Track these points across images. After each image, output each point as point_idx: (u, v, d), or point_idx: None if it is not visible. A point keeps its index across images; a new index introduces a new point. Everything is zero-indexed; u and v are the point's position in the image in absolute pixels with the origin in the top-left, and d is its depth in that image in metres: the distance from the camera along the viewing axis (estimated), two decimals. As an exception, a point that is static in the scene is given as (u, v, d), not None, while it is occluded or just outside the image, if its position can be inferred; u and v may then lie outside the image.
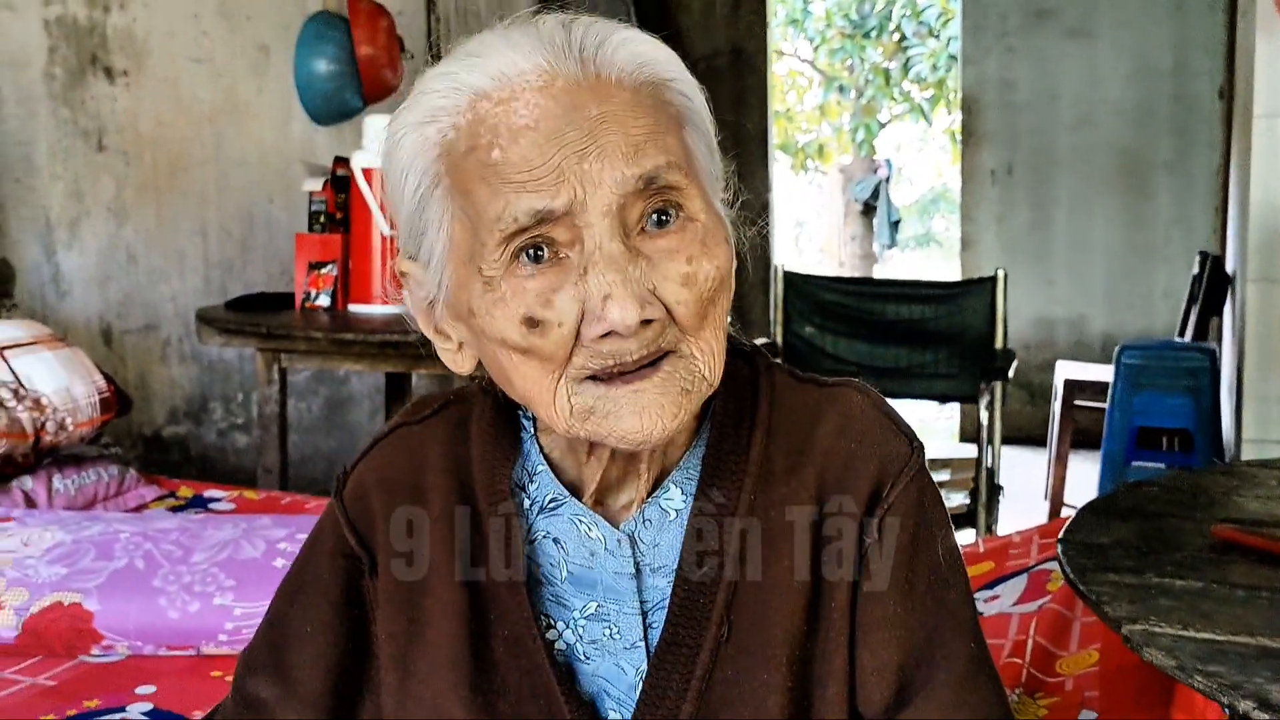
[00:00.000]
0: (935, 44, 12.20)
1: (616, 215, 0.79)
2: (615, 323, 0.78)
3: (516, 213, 0.79)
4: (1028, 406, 6.04)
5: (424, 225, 0.85)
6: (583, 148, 0.79)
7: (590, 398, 0.82)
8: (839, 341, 3.73)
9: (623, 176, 0.79)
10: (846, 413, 0.92)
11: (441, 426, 0.97)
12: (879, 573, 0.89)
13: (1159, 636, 1.04)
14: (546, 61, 0.81)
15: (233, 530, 2.06)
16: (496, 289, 0.81)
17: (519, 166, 0.79)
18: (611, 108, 0.80)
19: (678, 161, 0.82)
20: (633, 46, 0.84)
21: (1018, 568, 2.13)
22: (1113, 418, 4.32)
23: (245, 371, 4.00)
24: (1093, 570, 1.22)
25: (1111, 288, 6.03)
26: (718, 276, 0.83)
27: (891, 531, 0.89)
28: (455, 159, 0.82)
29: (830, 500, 0.90)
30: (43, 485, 2.46)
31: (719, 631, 0.88)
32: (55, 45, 3.35)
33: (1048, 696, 1.66)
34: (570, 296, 0.80)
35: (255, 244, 4.05)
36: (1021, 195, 6.13)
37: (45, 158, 3.33)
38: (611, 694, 0.92)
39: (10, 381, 2.45)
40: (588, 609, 0.92)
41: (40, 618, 1.89)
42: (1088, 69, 5.96)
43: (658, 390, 0.82)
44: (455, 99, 0.82)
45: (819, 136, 13.88)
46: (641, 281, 0.80)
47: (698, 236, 0.82)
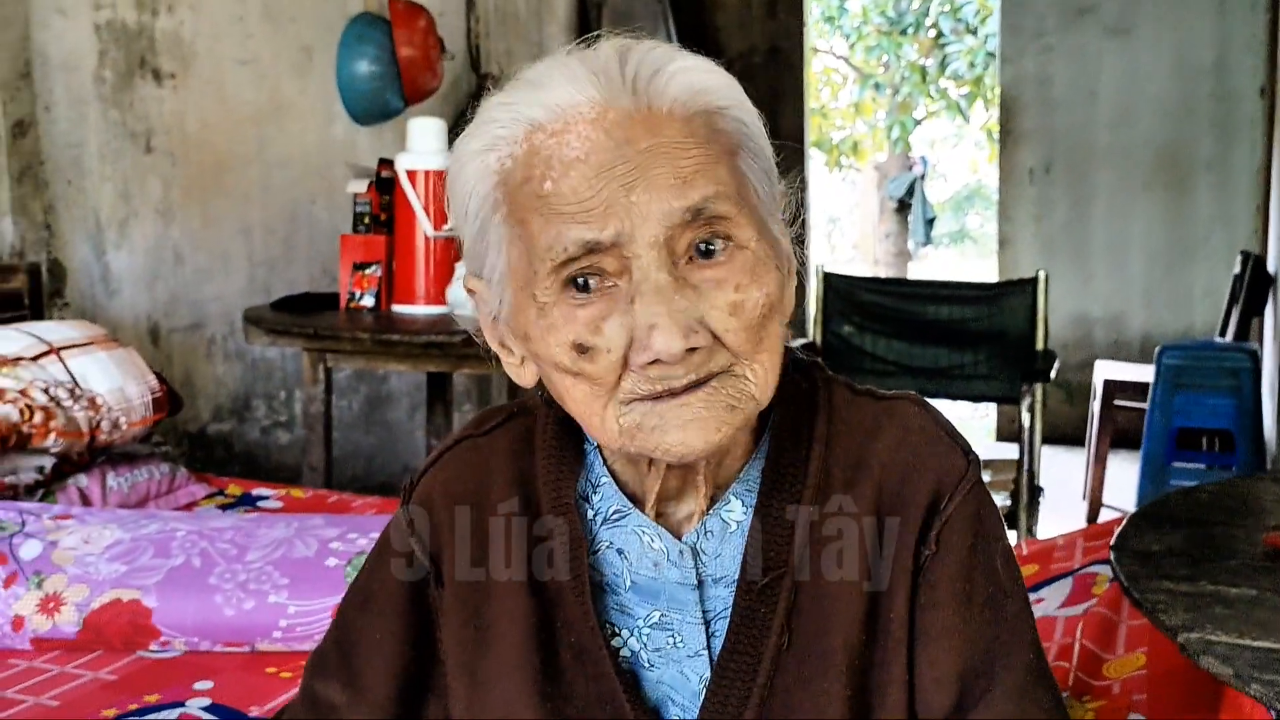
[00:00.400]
0: (973, 41, 12.13)
1: (664, 246, 0.81)
2: (660, 352, 0.81)
3: (567, 243, 0.82)
4: (1065, 406, 6.02)
5: (485, 247, 0.88)
6: (630, 180, 0.81)
7: (638, 414, 0.85)
8: (878, 341, 3.73)
9: (669, 209, 0.81)
10: (904, 426, 0.93)
11: (506, 439, 1.00)
12: (938, 584, 0.90)
13: (1215, 644, 1.05)
14: (600, 94, 0.83)
15: (285, 530, 2.09)
16: (549, 315, 0.84)
17: (569, 198, 0.81)
18: (661, 140, 0.82)
19: (727, 191, 0.83)
20: (687, 77, 0.85)
21: (1062, 570, 2.13)
22: (1153, 418, 4.30)
23: (288, 370, 4.04)
24: (1146, 578, 1.23)
25: (1151, 287, 6.00)
26: (767, 303, 0.84)
27: (949, 544, 0.90)
28: (511, 188, 0.85)
29: (888, 513, 0.91)
30: (97, 483, 2.50)
31: (780, 640, 0.90)
32: (105, 49, 3.40)
33: (1095, 700, 1.67)
34: (619, 324, 0.82)
35: (298, 244, 4.09)
36: (1060, 194, 6.10)
37: (95, 160, 3.38)
38: (676, 701, 0.93)
39: (67, 381, 2.49)
40: (651, 618, 0.94)
41: (100, 614, 1.93)
42: (1127, 66, 5.93)
43: (703, 405, 0.84)
44: (513, 129, 0.85)
45: (853, 134, 13.84)
46: (688, 311, 0.82)
47: (746, 265, 0.84)
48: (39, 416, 2.34)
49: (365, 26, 4.20)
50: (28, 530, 2.04)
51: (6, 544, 2.01)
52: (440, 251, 3.27)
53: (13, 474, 2.32)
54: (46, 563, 1.98)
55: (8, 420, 2.29)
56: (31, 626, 1.93)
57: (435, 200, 3.27)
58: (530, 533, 0.96)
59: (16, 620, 1.93)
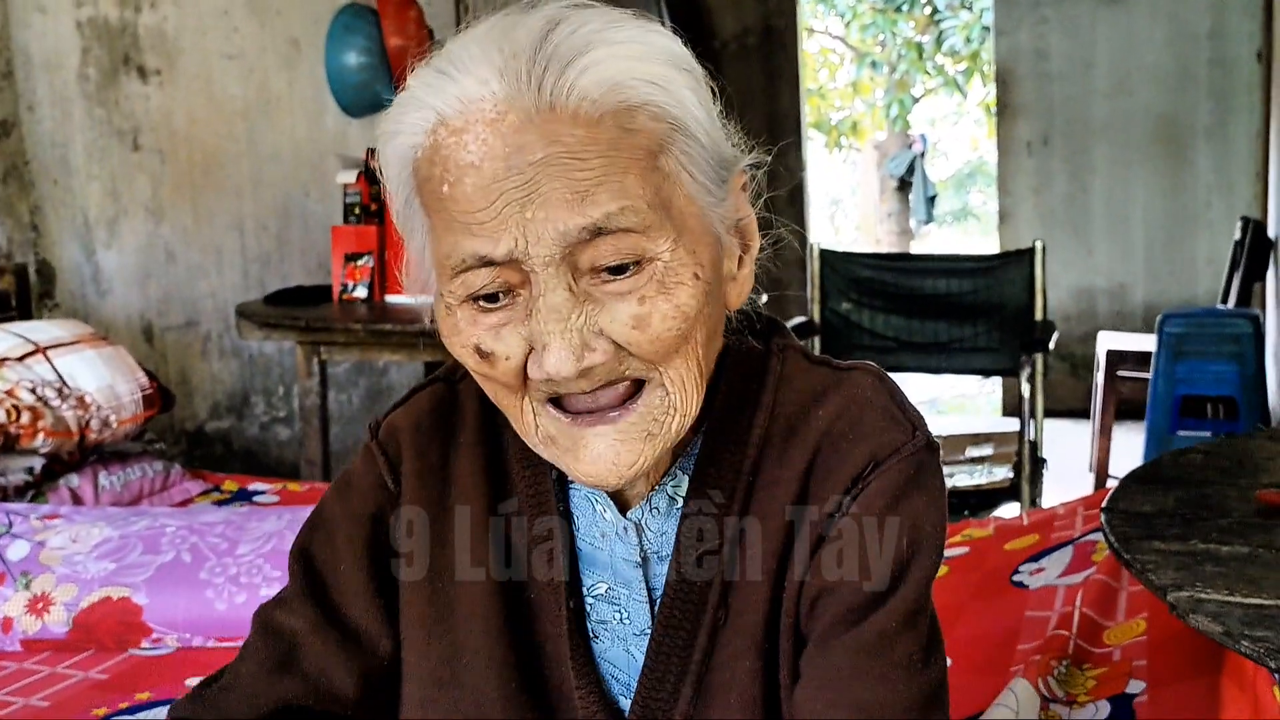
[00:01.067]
0: (968, 16, 12.09)
1: (561, 264, 0.77)
2: (551, 371, 0.78)
3: (463, 254, 0.78)
4: (1069, 378, 5.99)
5: (411, 225, 0.85)
6: (524, 195, 0.76)
7: (553, 426, 0.83)
8: (876, 317, 3.71)
9: (565, 229, 0.76)
10: (850, 396, 0.89)
11: (475, 385, 0.96)
12: (835, 539, 0.85)
13: (1205, 603, 1.03)
14: (503, 90, 0.77)
15: (277, 522, 2.07)
16: (454, 315, 0.82)
17: (464, 206, 0.78)
18: (557, 150, 0.76)
19: (634, 205, 0.77)
20: (605, 69, 0.78)
21: (1062, 540, 2.11)
22: (1156, 387, 4.27)
23: (285, 365, 4.03)
24: (1137, 538, 1.20)
25: (1152, 256, 5.97)
26: (678, 316, 0.79)
27: (865, 503, 0.85)
28: (420, 181, 0.82)
29: (815, 480, 0.87)
30: (89, 482, 2.49)
31: (716, 616, 0.88)
32: (88, 46, 3.37)
33: (1095, 667, 1.65)
34: (517, 333, 0.80)
35: (291, 238, 4.07)
36: (1059, 166, 6.07)
37: (82, 158, 3.36)
38: (619, 679, 0.92)
39: (55, 381, 2.47)
40: (597, 589, 0.92)
41: (90, 612, 1.92)
42: (1123, 35, 5.88)
43: (619, 436, 0.81)
44: (423, 117, 0.80)
45: (852, 114, 13.79)
46: (585, 328, 0.78)
47: (655, 276, 0.79)
48: (26, 417, 2.32)
49: (353, 17, 4.17)
50: (15, 531, 2.03)
51: (-6, 545, 1.99)
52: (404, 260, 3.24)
53: (2, 475, 2.31)
54: (34, 563, 1.97)
55: (-5, 421, 2.28)
56: (20, 628, 1.92)
57: (424, 189, 3.25)
58: (495, 480, 0.94)
59: (5, 622, 1.92)
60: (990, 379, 6.69)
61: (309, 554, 0.97)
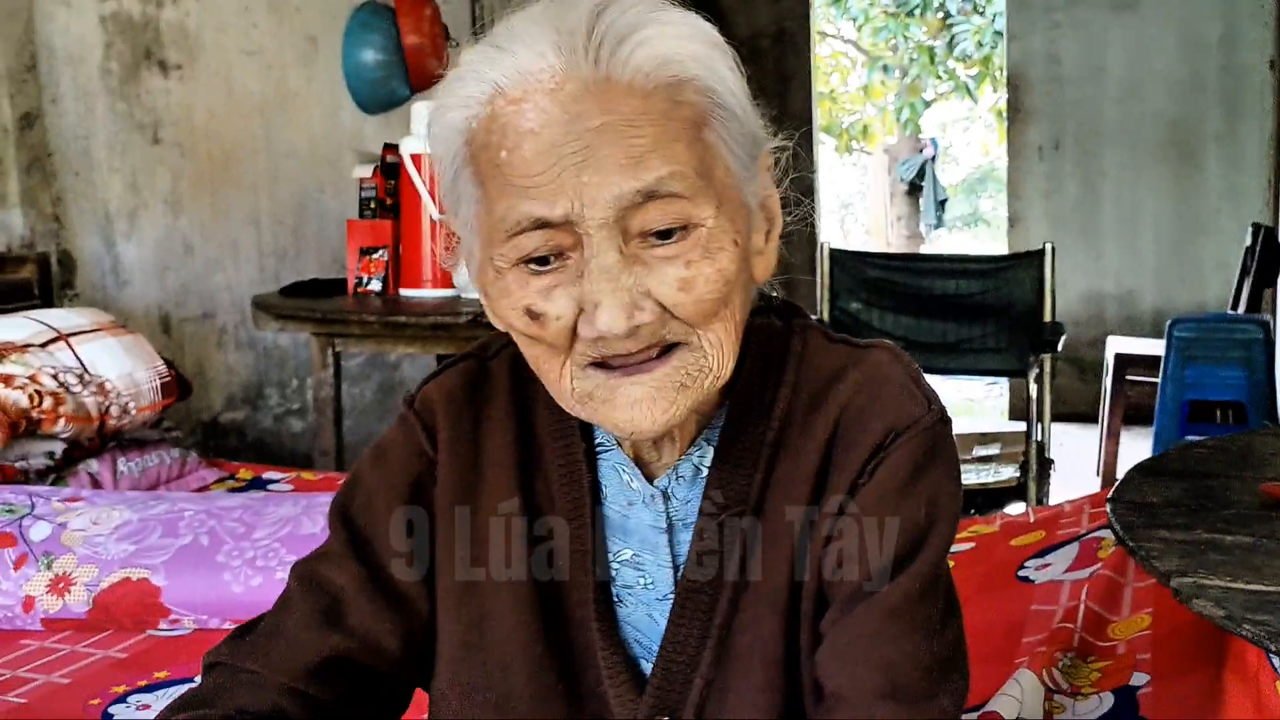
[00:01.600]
0: (980, 20, 12.09)
1: (614, 226, 0.81)
2: (603, 329, 0.82)
3: (519, 216, 0.82)
4: (1078, 383, 6.00)
5: (458, 198, 0.89)
6: (580, 160, 0.80)
7: (591, 383, 0.86)
8: (885, 316, 3.73)
9: (620, 191, 0.81)
10: (870, 373, 0.93)
11: (509, 362, 1.01)
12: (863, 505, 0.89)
13: (1208, 588, 1.06)
14: (560, 62, 0.82)
15: (293, 507, 2.10)
16: (504, 278, 0.85)
17: (521, 170, 0.82)
18: (614, 118, 0.81)
19: (683, 171, 0.82)
20: (655, 46, 0.83)
21: (1069, 536, 2.13)
22: (1165, 392, 4.28)
23: (300, 357, 4.06)
24: (1142, 527, 1.23)
25: (1161, 262, 5.98)
26: (719, 280, 0.84)
27: (882, 474, 0.89)
28: (475, 150, 0.86)
29: (838, 449, 0.91)
30: (108, 468, 2.52)
31: (737, 581, 0.91)
32: (111, 40, 3.41)
33: (1100, 660, 1.67)
34: (568, 295, 0.83)
35: (307, 232, 4.11)
36: (1069, 170, 6.09)
37: (103, 151, 3.39)
38: (642, 643, 0.95)
39: (76, 368, 2.51)
40: (623, 555, 0.95)
41: (110, 593, 1.95)
42: (1135, 41, 5.90)
43: (654, 385, 0.85)
44: (479, 90, 0.85)
45: (863, 117, 13.80)
46: (634, 288, 0.82)
47: (699, 242, 0.83)
48: (48, 402, 2.36)
49: (370, 15, 4.20)
50: (37, 512, 2.06)
51: (16, 526, 2.03)
52: (446, 235, 3.27)
53: (23, 459, 2.34)
54: (56, 544, 2.00)
55: (17, 406, 2.31)
56: (42, 607, 1.95)
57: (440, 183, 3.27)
58: (525, 450, 0.97)
59: (27, 601, 1.95)
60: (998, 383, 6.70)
61: (349, 514, 0.99)
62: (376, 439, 1.04)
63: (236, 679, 0.95)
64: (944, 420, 0.91)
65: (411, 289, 3.29)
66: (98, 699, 1.72)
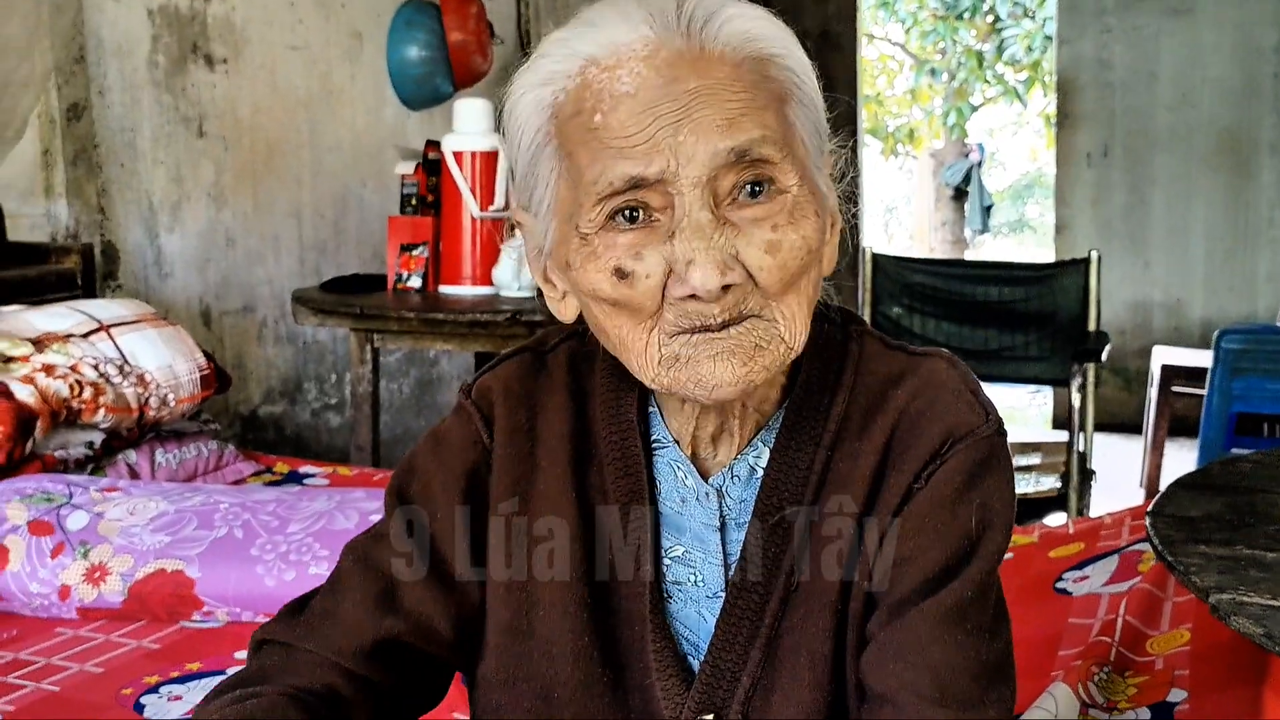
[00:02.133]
0: (1030, 25, 11.98)
1: (707, 185, 0.83)
2: (696, 286, 0.82)
3: (612, 177, 0.83)
4: (1123, 393, 5.93)
5: (535, 180, 0.90)
6: (678, 120, 0.82)
7: (677, 346, 0.86)
8: (927, 322, 3.70)
9: (715, 150, 0.82)
10: (928, 379, 0.93)
11: (565, 354, 1.01)
12: (911, 515, 0.89)
13: (1248, 605, 1.03)
14: (654, 33, 0.85)
15: (327, 502, 2.11)
16: (591, 244, 0.86)
17: (617, 132, 0.83)
18: (709, 82, 0.83)
19: (773, 136, 0.84)
20: (741, 23, 0.86)
21: (1108, 549, 2.10)
22: (1211, 403, 4.21)
23: (339, 353, 4.08)
24: (1182, 542, 1.20)
25: (1211, 272, 5.89)
26: (803, 247, 0.85)
27: (939, 480, 0.90)
28: (562, 121, 0.87)
29: (895, 453, 0.91)
30: (146, 459, 2.54)
31: (788, 580, 0.92)
32: (158, 34, 3.44)
33: (1137, 675, 1.65)
34: (658, 254, 0.84)
35: (348, 227, 4.12)
36: (1118, 177, 6.01)
37: (148, 143, 3.42)
38: (689, 639, 0.95)
39: (116, 358, 2.53)
40: (674, 550, 0.96)
41: (144, 584, 1.96)
42: (1188, 47, 5.82)
43: (733, 342, 0.85)
44: (568, 64, 0.86)
45: (910, 121, 13.72)
46: (724, 248, 0.83)
47: (785, 207, 0.85)
48: (89, 392, 2.38)
49: (415, 12, 4.22)
50: (75, 502, 2.08)
51: (54, 515, 2.04)
52: (486, 232, 3.28)
53: (63, 449, 2.36)
54: (93, 533, 2.01)
55: (58, 396, 2.33)
56: (78, 596, 1.96)
57: (482, 181, 3.28)
58: (580, 444, 0.98)
59: (63, 589, 1.96)
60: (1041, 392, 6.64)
61: (405, 498, 1.00)
62: (433, 427, 1.04)
63: (290, 658, 0.96)
64: (1001, 432, 0.92)
65: (451, 286, 3.30)
66: (130, 689, 1.73)
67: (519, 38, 4.92)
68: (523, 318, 2.90)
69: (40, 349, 2.41)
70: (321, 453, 3.94)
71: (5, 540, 2.01)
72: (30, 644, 1.89)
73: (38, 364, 2.36)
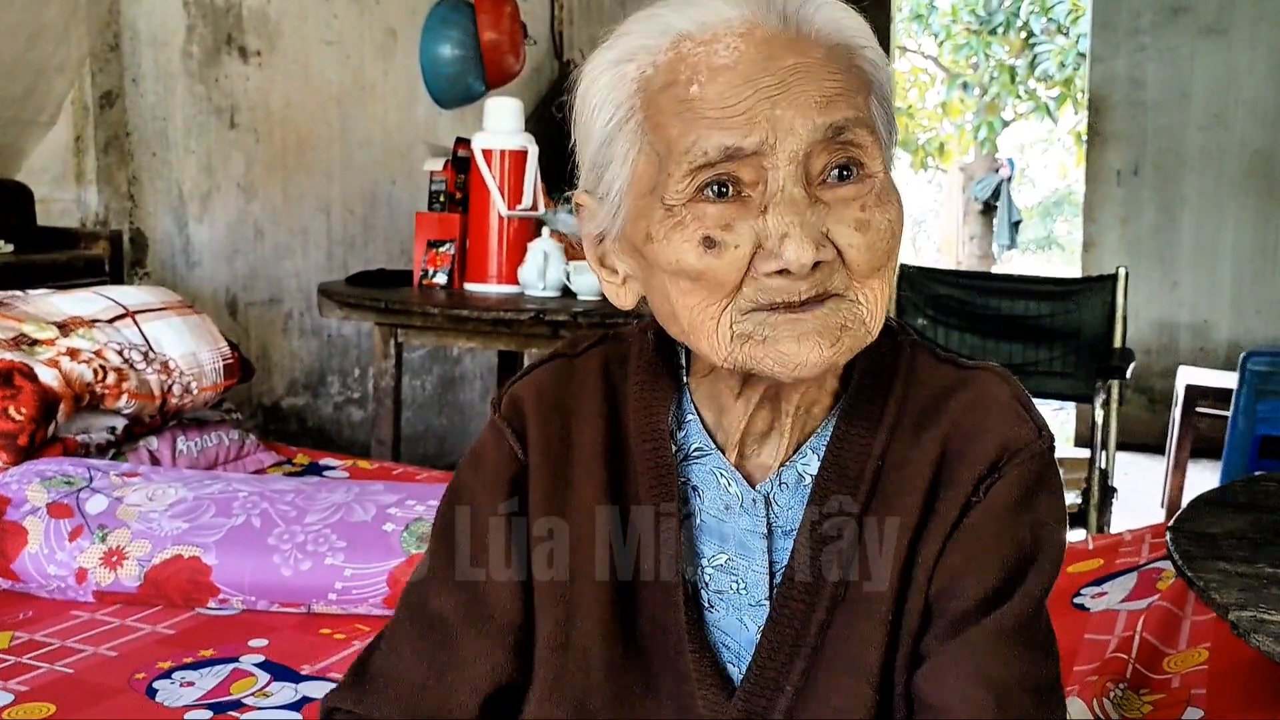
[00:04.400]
0: (1064, 41, 11.94)
1: (801, 162, 0.83)
2: (790, 261, 0.81)
3: (707, 147, 0.82)
4: (1147, 412, 5.90)
5: (609, 158, 0.89)
6: (776, 94, 0.82)
7: (752, 323, 0.85)
8: (951, 335, 3.68)
9: (813, 125, 0.82)
10: (981, 392, 0.93)
11: (598, 360, 1.00)
12: (968, 529, 0.89)
13: (1268, 623, 1.02)
14: (751, 12, 0.85)
15: (345, 494, 2.11)
16: (677, 214, 0.84)
17: (714, 103, 0.82)
18: (807, 60, 0.83)
19: (865, 119, 0.85)
20: (831, 11, 0.87)
21: (1127, 565, 2.09)
22: (1235, 425, 4.19)
23: (363, 347, 4.09)
24: (1202, 559, 1.19)
25: (1239, 293, 5.85)
26: (889, 231, 0.85)
27: (996, 495, 0.89)
28: (651, 94, 0.86)
29: (949, 465, 0.91)
30: (167, 446, 2.55)
31: (837, 591, 0.90)
32: (193, 25, 3.46)
33: (1153, 693, 1.63)
34: (749, 227, 0.83)
35: (377, 222, 4.14)
36: (1147, 196, 5.98)
37: (180, 133, 3.44)
38: (730, 647, 0.94)
39: (141, 345, 2.54)
40: (717, 559, 0.95)
41: (161, 569, 1.96)
42: (1222, 67, 5.78)
43: (818, 321, 0.84)
44: (659, 39, 0.86)
45: (940, 134, 13.68)
46: (817, 225, 0.83)
47: (874, 189, 0.85)
48: (112, 377, 2.39)
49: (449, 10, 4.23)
50: (95, 485, 2.09)
51: (74, 498, 2.05)
52: (513, 231, 3.28)
53: (85, 433, 2.37)
54: (111, 518, 2.02)
55: (82, 380, 2.34)
56: (94, 579, 1.97)
57: (510, 180, 3.28)
58: (614, 453, 0.97)
59: (80, 573, 1.97)
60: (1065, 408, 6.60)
61: (452, 530, 1.00)
62: (472, 446, 1.04)
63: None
64: (1052, 448, 0.92)
65: (476, 283, 3.30)
66: (142, 673, 1.74)
67: (552, 38, 4.93)
68: (546, 317, 2.90)
69: (66, 333, 2.42)
70: (342, 446, 3.95)
71: (24, 521, 2.02)
72: (46, 626, 1.90)
73: (63, 348, 2.37)
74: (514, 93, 3.98)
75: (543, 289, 3.16)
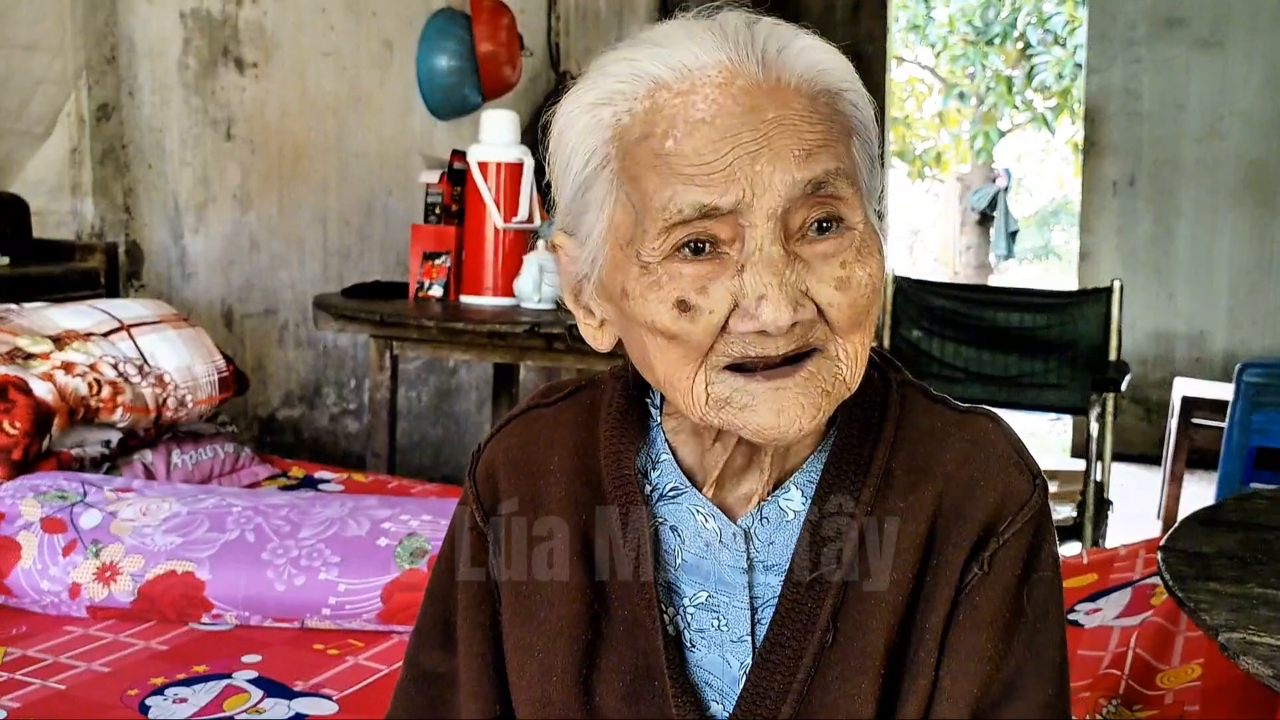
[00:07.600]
0: (1060, 52, 11.97)
1: (780, 219, 0.80)
2: (767, 323, 0.80)
3: (683, 204, 0.80)
4: (1143, 423, 5.90)
5: (585, 205, 0.87)
6: (756, 149, 0.80)
7: (728, 388, 0.83)
8: (946, 346, 3.68)
9: (792, 180, 0.80)
10: (975, 440, 0.91)
11: (571, 410, 1.00)
12: (980, 607, 0.88)
13: (1257, 645, 1.02)
14: (729, 59, 0.82)
15: (339, 509, 2.11)
16: (653, 273, 0.82)
17: (691, 159, 0.80)
18: (787, 112, 0.81)
19: (846, 170, 0.83)
20: (812, 55, 0.84)
21: (1121, 581, 2.09)
22: (1231, 437, 4.19)
23: (358, 358, 4.09)
24: (1193, 578, 1.19)
25: (1235, 304, 5.86)
26: (870, 285, 0.84)
27: (1001, 569, 0.88)
28: (627, 144, 0.83)
29: (945, 524, 0.89)
30: (162, 459, 2.55)
31: (824, 637, 0.89)
32: (190, 36, 3.46)
33: (1146, 709, 1.63)
34: (725, 288, 0.81)
35: (373, 234, 4.14)
36: (1143, 207, 5.99)
37: (176, 145, 3.44)
38: (714, 685, 0.93)
39: (136, 358, 2.54)
40: (698, 598, 0.93)
41: (155, 584, 1.96)
42: (1217, 78, 5.80)
43: (799, 389, 0.83)
44: (634, 85, 0.83)
45: (937, 145, 13.71)
46: (795, 284, 0.81)
47: (854, 243, 0.83)
48: (107, 391, 2.39)
49: (446, 22, 4.25)
50: (88, 500, 2.08)
51: (67, 513, 2.05)
52: (509, 244, 3.29)
53: (80, 447, 2.37)
54: (105, 533, 2.02)
55: (76, 394, 2.34)
56: (88, 594, 1.97)
57: (506, 192, 3.29)
58: (588, 509, 0.96)
59: (74, 588, 1.97)
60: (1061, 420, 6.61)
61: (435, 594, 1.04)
62: (460, 501, 1.04)
63: None
64: (1045, 491, 0.92)
65: (472, 296, 3.31)
66: (135, 689, 1.73)
67: (549, 51, 4.94)
68: (541, 330, 2.90)
69: (60, 346, 2.42)
70: (338, 458, 3.95)
71: (18, 536, 2.02)
72: (39, 641, 1.89)
73: (57, 361, 2.37)
74: (510, 104, 3.98)
75: (538, 301, 3.17)
